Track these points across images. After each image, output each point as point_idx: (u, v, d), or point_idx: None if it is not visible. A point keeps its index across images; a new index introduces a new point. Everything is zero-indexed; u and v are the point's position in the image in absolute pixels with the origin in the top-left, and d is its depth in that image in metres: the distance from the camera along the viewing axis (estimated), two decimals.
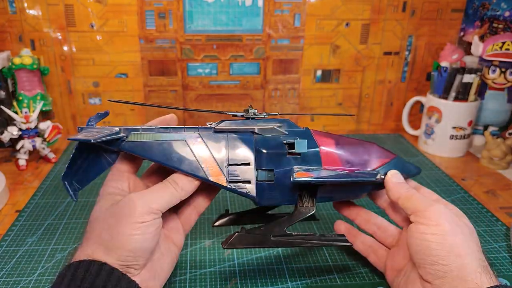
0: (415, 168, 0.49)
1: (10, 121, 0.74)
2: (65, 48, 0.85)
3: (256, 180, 0.40)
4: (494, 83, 0.84)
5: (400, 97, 0.98)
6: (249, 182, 0.40)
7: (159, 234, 0.38)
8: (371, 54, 0.93)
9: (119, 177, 0.41)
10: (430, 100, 0.84)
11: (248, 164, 0.40)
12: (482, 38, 0.90)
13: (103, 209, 0.38)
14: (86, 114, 0.91)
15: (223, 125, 0.41)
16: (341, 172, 0.41)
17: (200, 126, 0.41)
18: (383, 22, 0.90)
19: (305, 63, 0.92)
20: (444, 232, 0.36)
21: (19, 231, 0.57)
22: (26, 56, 0.78)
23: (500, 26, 0.88)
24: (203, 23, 0.86)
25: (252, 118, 0.42)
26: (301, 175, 0.39)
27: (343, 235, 0.44)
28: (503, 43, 0.81)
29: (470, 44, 0.89)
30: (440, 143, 0.84)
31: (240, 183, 0.40)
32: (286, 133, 0.42)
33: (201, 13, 0.85)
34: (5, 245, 0.54)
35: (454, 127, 0.82)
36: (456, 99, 0.81)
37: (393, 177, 0.43)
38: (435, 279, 0.36)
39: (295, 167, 0.40)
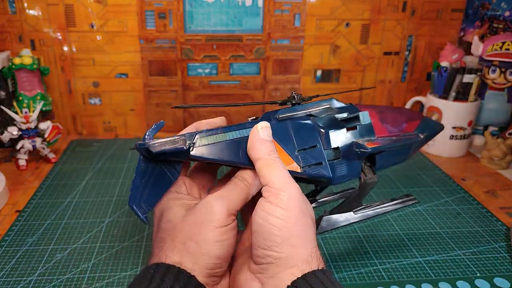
0: (439, 126, 0.51)
1: (10, 121, 0.74)
2: (65, 48, 0.85)
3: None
4: (494, 83, 0.84)
5: (400, 97, 0.98)
6: (321, 163, 0.40)
7: (237, 236, 0.37)
8: (371, 54, 0.93)
9: (176, 181, 0.40)
10: (430, 100, 0.84)
11: (315, 146, 0.40)
12: (482, 38, 0.90)
13: (179, 216, 0.37)
14: (86, 114, 0.91)
15: (282, 115, 0.42)
16: (394, 138, 0.44)
17: (253, 118, 0.41)
18: (383, 22, 0.90)
19: (305, 63, 0.92)
20: (289, 220, 0.34)
21: (19, 231, 0.57)
22: (26, 56, 0.78)
23: (500, 26, 0.88)
24: (203, 23, 0.86)
25: (299, 103, 0.43)
26: (370, 145, 0.41)
27: (409, 194, 0.47)
28: (503, 43, 0.81)
29: (470, 44, 0.89)
30: (440, 143, 0.84)
31: (313, 166, 0.40)
32: (337, 110, 0.43)
33: (201, 13, 0.85)
34: (5, 245, 0.54)
35: (454, 127, 0.82)
36: (456, 99, 0.81)
37: (262, 131, 0.37)
38: (262, 263, 0.34)
39: (356, 140, 0.42)
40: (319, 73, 0.93)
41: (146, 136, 0.38)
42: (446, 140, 0.83)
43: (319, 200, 0.49)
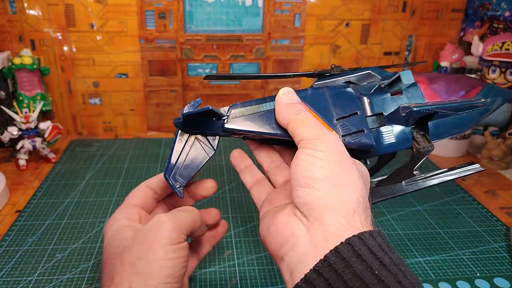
0: (507, 92, 0.45)
1: (10, 121, 0.74)
2: (65, 48, 0.85)
3: (369, 128, 0.38)
4: (494, 83, 0.84)
5: None
6: (363, 131, 0.37)
7: (188, 258, 0.36)
8: (371, 54, 0.93)
9: (130, 210, 0.40)
10: None
11: (356, 113, 0.37)
12: (482, 38, 0.90)
13: (129, 238, 0.36)
14: (86, 114, 0.91)
15: (318, 83, 0.39)
16: (448, 101, 0.39)
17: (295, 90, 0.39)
18: (383, 22, 0.90)
19: (305, 63, 0.92)
20: (330, 159, 0.31)
21: (19, 231, 0.57)
22: (26, 56, 0.78)
23: (500, 26, 0.88)
24: (203, 23, 0.86)
25: (338, 74, 0.40)
26: (417, 105, 0.37)
27: (472, 162, 0.41)
28: (503, 43, 0.81)
29: (470, 44, 0.89)
30: (440, 143, 0.84)
31: (354, 134, 0.37)
32: (380, 77, 0.40)
33: (201, 13, 0.85)
34: (5, 245, 0.54)
35: None
36: None
37: (285, 97, 0.36)
38: (304, 204, 0.31)
39: (402, 105, 0.39)
40: None
41: (183, 112, 0.37)
42: (446, 140, 0.83)
43: (373, 181, 0.46)
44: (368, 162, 0.42)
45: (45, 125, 0.76)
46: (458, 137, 0.83)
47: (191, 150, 0.39)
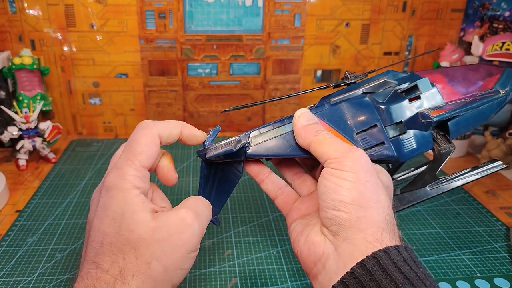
0: None
1: (10, 121, 0.74)
2: (65, 48, 0.85)
3: (389, 138, 0.38)
4: None
5: None
6: (383, 143, 0.37)
7: None
8: (371, 54, 0.93)
9: (144, 175, 0.33)
10: None
11: (376, 125, 0.37)
12: (482, 38, 0.90)
13: (146, 227, 0.30)
14: (86, 114, 0.91)
15: (335, 98, 0.40)
16: (467, 100, 0.39)
17: (311, 106, 0.40)
18: (383, 22, 0.90)
19: (305, 63, 0.92)
20: (358, 181, 0.31)
21: (19, 231, 0.57)
22: (26, 56, 0.78)
23: (500, 26, 0.88)
24: (203, 23, 0.86)
25: (354, 82, 0.40)
26: (436, 113, 0.37)
27: (495, 160, 0.40)
28: (503, 43, 0.81)
29: (470, 44, 0.89)
30: None
31: (375, 148, 0.37)
32: (396, 82, 0.40)
33: (201, 13, 0.85)
34: (5, 245, 0.54)
35: None
36: None
37: (301, 118, 0.37)
38: (332, 225, 0.32)
39: (421, 110, 0.39)
40: (319, 73, 0.93)
41: (205, 143, 0.38)
42: None
43: (398, 179, 0.46)
44: (390, 166, 0.43)
45: (45, 125, 0.76)
46: (458, 137, 0.82)
47: (218, 179, 0.40)
